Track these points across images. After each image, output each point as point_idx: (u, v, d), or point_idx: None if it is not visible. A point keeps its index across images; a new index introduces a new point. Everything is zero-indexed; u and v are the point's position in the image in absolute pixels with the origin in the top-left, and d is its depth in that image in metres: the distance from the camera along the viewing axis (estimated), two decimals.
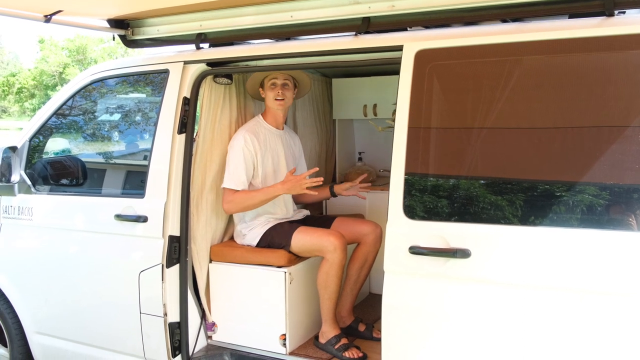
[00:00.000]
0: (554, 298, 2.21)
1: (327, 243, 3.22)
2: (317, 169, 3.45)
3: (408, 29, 2.81)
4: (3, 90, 40.84)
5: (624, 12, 2.41)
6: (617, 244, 2.13)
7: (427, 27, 2.77)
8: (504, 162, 2.40)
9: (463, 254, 2.32)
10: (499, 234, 2.29)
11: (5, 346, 3.87)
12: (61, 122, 3.89)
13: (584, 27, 2.29)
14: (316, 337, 3.40)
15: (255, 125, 3.52)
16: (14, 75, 41.07)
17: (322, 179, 3.31)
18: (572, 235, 2.19)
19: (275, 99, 3.46)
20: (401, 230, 2.46)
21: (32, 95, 39.08)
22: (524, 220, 2.27)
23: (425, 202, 2.46)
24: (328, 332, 3.31)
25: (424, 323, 2.45)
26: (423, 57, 2.51)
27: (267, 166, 3.49)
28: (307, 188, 3.24)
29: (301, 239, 3.31)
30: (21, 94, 39.77)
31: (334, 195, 3.76)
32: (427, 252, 2.39)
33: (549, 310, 2.21)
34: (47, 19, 3.07)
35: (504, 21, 2.62)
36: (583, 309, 2.16)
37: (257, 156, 3.42)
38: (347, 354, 3.20)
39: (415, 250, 2.40)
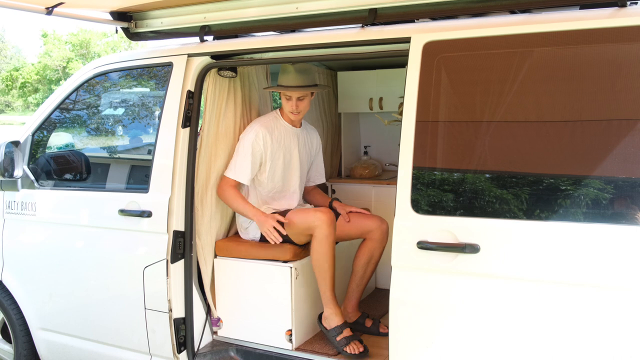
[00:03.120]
0: (565, 293, 2.17)
1: (313, 218, 3.18)
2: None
3: (415, 20, 2.76)
4: (7, 85, 40.98)
5: (636, 3, 2.36)
6: (630, 239, 2.09)
7: (433, 18, 2.72)
8: (514, 156, 2.36)
9: (472, 249, 2.29)
10: (509, 229, 2.26)
11: (10, 342, 3.86)
12: (64, 116, 3.86)
13: (595, 18, 2.24)
14: (319, 318, 3.36)
15: (272, 121, 3.48)
16: (17, 70, 41.19)
17: (280, 239, 3.24)
18: (584, 230, 2.15)
19: (291, 112, 3.44)
20: (409, 225, 2.43)
21: (36, 90, 39.18)
22: (534, 215, 2.24)
23: (433, 196, 2.42)
24: (331, 318, 3.25)
25: (432, 318, 2.42)
26: (431, 49, 2.47)
27: (277, 163, 3.46)
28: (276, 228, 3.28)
29: (293, 221, 3.26)
30: (25, 89, 39.90)
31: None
32: (436, 247, 2.35)
33: (560, 306, 2.18)
34: (49, 11, 3.03)
35: (512, 12, 2.57)
36: (595, 304, 2.13)
37: (267, 152, 3.38)
38: (348, 349, 3.16)
39: (423, 245, 2.37)
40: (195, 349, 3.28)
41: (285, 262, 3.28)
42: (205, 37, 3.25)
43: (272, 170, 3.44)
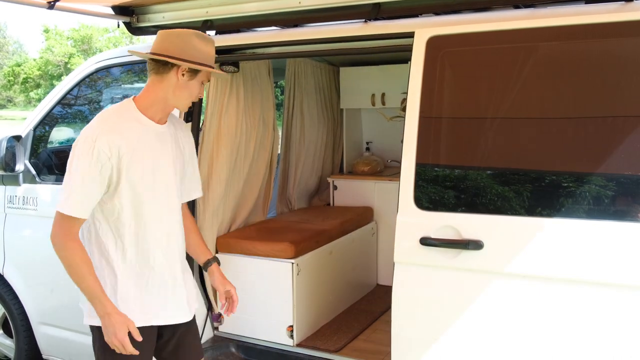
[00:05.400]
0: (570, 291, 2.15)
1: None
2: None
3: (419, 15, 2.74)
4: (8, 80, 41.00)
5: None
6: (634, 236, 2.07)
7: (437, 13, 2.71)
8: (518, 152, 2.34)
9: (476, 245, 2.27)
10: (514, 225, 2.24)
11: (11, 337, 3.86)
12: (66, 111, 3.85)
13: (601, 12, 2.22)
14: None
15: (121, 119, 2.21)
16: (19, 65, 41.18)
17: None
18: (589, 227, 2.13)
19: (198, 98, 2.35)
20: (412, 221, 2.41)
21: (38, 85, 39.20)
22: (539, 212, 2.22)
23: (436, 192, 2.40)
24: None
25: (435, 315, 2.40)
26: (435, 44, 2.45)
27: (136, 174, 2.17)
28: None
29: None
30: (26, 84, 39.91)
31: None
32: (439, 244, 2.33)
33: (564, 304, 2.17)
34: (51, 5, 3.01)
35: (517, 7, 2.55)
36: (601, 302, 2.11)
37: (121, 164, 2.13)
38: None
39: (426, 242, 2.35)
40: None
41: (286, 258, 3.27)
42: (208, 32, 3.23)
43: (132, 184, 2.17)
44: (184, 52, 2.18)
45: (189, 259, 2.52)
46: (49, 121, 3.77)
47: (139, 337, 2.13)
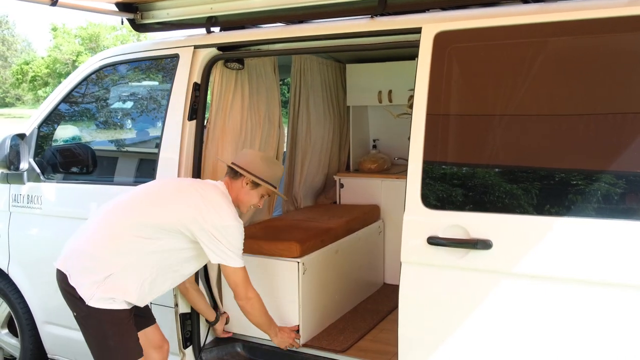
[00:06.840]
0: (580, 292, 2.11)
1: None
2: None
3: (426, 10, 2.70)
4: (17, 79, 41.27)
5: None
6: None
7: (444, 8, 2.66)
8: (528, 149, 2.30)
9: (484, 245, 2.23)
10: (523, 225, 2.20)
11: (17, 336, 3.85)
12: (70, 108, 3.83)
13: (612, 6, 2.17)
14: None
15: None
16: (27, 64, 41.41)
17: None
18: (602, 226, 2.09)
19: (254, 205, 2.92)
20: (419, 220, 2.38)
21: (46, 84, 39.40)
22: (549, 210, 2.17)
23: (444, 191, 2.36)
24: None
25: (442, 315, 2.37)
26: (442, 40, 2.41)
27: None
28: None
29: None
30: (35, 82, 40.13)
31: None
32: (447, 243, 2.30)
33: (574, 305, 2.12)
34: (54, 2, 2.99)
35: (526, 2, 2.50)
36: (613, 304, 2.07)
37: None
38: None
39: (434, 241, 2.31)
40: (202, 345, 3.25)
41: (292, 257, 3.24)
42: (212, 29, 3.20)
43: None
44: (249, 167, 2.82)
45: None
46: (53, 119, 3.75)
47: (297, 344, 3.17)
